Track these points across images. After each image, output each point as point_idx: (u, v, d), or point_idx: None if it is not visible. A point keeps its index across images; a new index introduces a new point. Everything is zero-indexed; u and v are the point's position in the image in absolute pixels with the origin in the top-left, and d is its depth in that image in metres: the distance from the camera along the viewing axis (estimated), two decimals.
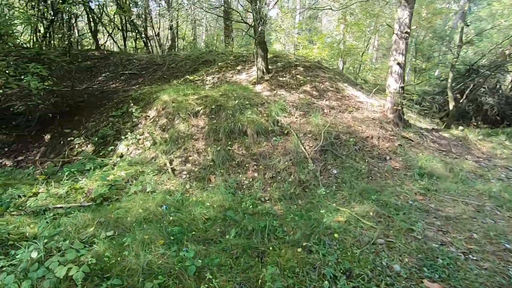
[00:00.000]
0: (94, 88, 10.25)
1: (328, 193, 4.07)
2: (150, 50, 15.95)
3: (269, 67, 8.15)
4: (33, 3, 7.12)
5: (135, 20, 15.45)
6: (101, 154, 5.50)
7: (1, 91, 7.58)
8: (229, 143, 4.90)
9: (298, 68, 8.32)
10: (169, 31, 17.51)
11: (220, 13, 12.43)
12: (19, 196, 3.29)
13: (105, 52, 13.58)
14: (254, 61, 9.20)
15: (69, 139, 6.30)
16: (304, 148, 5.03)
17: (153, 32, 16.48)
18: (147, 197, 3.58)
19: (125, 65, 12.12)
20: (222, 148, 4.79)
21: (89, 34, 14.52)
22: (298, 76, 7.88)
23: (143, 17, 16.30)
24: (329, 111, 6.20)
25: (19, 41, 6.34)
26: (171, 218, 3.16)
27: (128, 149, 5.12)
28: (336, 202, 3.84)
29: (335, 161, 4.84)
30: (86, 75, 11.39)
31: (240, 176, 4.42)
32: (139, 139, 5.27)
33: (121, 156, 4.96)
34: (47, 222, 2.76)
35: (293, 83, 7.47)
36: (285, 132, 5.32)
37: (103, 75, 11.54)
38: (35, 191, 3.37)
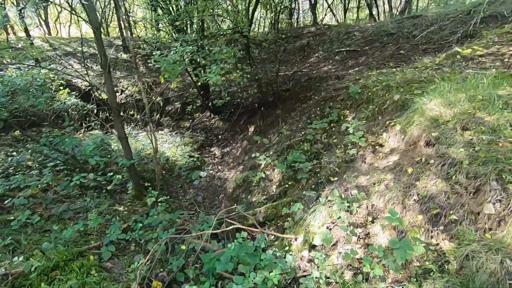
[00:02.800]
0: (303, 72, 8.28)
1: None
2: (376, 18, 12.14)
3: None
4: None
5: None
6: (283, 213, 2.99)
7: (208, 85, 7.18)
8: None
9: None
10: None
11: None
12: None
13: (322, 27, 11.38)
14: None
15: (252, 155, 4.38)
16: None
17: None
18: None
19: (342, 40, 9.25)
20: None
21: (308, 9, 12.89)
22: None
23: None
24: None
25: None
26: None
27: (325, 232, 2.22)
28: None
29: None
30: (298, 56, 9.69)
31: None
32: (350, 211, 2.23)
33: (310, 249, 2.16)
34: None
35: None
36: None
37: (315, 55, 9.34)
38: None
